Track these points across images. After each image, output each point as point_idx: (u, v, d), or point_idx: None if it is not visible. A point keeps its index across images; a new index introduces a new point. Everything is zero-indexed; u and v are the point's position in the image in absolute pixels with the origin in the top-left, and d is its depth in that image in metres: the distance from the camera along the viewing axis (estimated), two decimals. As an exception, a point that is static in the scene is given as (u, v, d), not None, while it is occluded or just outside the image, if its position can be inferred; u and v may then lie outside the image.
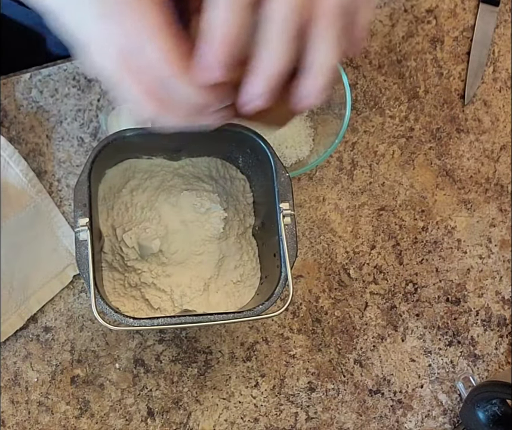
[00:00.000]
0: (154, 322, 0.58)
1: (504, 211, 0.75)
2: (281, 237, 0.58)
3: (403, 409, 0.71)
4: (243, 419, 0.69)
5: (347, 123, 0.67)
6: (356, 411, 0.71)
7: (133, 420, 0.68)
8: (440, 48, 0.76)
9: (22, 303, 0.67)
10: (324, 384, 0.71)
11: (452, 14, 0.77)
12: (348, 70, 0.75)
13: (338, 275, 0.72)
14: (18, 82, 0.71)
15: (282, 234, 0.58)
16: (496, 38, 0.77)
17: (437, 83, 0.76)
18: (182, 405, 0.69)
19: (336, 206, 0.73)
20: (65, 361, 0.68)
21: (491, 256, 0.74)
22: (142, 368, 0.69)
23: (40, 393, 0.68)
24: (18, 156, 0.68)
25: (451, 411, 0.72)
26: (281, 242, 0.58)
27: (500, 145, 0.75)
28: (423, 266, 0.73)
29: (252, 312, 0.58)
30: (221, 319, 0.57)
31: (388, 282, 0.73)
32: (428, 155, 0.75)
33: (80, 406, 0.68)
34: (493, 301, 0.73)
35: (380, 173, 0.74)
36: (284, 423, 0.70)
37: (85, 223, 0.54)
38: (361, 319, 0.72)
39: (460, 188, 0.75)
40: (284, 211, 0.58)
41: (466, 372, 0.72)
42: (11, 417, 0.67)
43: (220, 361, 0.70)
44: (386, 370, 0.71)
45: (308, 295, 0.71)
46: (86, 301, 0.69)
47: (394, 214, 0.73)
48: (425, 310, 0.72)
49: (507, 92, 0.76)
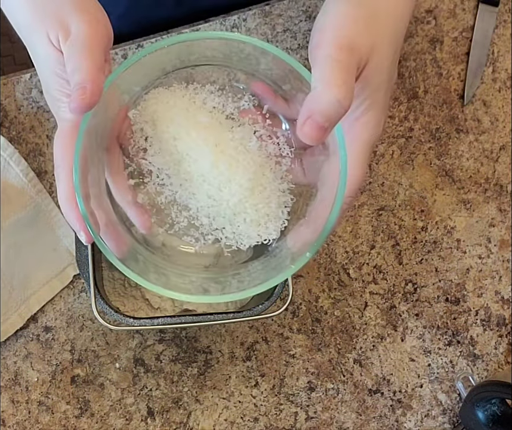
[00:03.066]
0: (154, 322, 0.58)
1: (503, 211, 0.75)
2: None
3: (402, 409, 0.71)
4: (243, 419, 0.70)
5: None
6: (356, 411, 0.71)
7: (133, 419, 0.68)
8: (439, 48, 0.76)
9: (22, 303, 0.67)
10: (324, 383, 0.71)
11: (451, 14, 0.77)
12: (348, 70, 0.75)
13: (338, 274, 0.72)
14: (18, 82, 0.71)
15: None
16: (496, 38, 0.77)
17: (437, 83, 0.76)
18: (182, 405, 0.69)
19: (336, 206, 0.73)
20: (66, 360, 0.68)
21: (490, 256, 0.74)
22: (142, 368, 0.69)
23: (40, 393, 0.68)
24: (18, 156, 0.69)
25: (450, 410, 0.72)
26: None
27: (499, 145, 0.75)
28: (423, 265, 0.73)
29: (251, 311, 0.58)
30: (220, 318, 0.58)
31: (388, 282, 0.73)
32: (427, 155, 0.75)
33: (80, 406, 0.68)
34: (493, 301, 0.73)
35: (379, 173, 0.74)
36: (284, 423, 0.70)
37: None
38: (361, 319, 0.72)
39: (460, 188, 0.75)
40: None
41: (466, 372, 0.72)
42: (11, 416, 0.67)
43: (220, 361, 0.70)
44: (386, 370, 0.72)
45: (307, 295, 0.71)
46: (86, 301, 0.69)
47: (393, 214, 0.74)
48: (424, 310, 0.73)
49: (506, 93, 0.76)
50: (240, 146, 0.50)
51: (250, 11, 0.73)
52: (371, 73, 0.48)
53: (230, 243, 0.51)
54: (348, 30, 0.46)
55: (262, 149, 0.51)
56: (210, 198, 0.50)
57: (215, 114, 0.52)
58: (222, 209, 0.50)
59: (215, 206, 0.50)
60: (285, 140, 0.52)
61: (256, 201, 0.50)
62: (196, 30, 0.72)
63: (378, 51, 0.48)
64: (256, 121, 0.52)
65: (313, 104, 0.43)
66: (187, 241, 0.52)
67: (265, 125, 0.52)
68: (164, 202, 0.51)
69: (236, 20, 0.73)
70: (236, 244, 0.51)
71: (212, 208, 0.50)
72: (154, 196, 0.51)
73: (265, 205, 0.51)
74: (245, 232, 0.51)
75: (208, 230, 0.51)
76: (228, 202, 0.49)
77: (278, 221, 0.51)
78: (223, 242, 0.51)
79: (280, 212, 0.51)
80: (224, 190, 0.49)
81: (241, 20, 0.73)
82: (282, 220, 0.51)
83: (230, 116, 0.52)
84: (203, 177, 0.49)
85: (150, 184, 0.51)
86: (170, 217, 0.52)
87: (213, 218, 0.51)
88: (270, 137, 0.52)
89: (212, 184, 0.49)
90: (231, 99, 0.52)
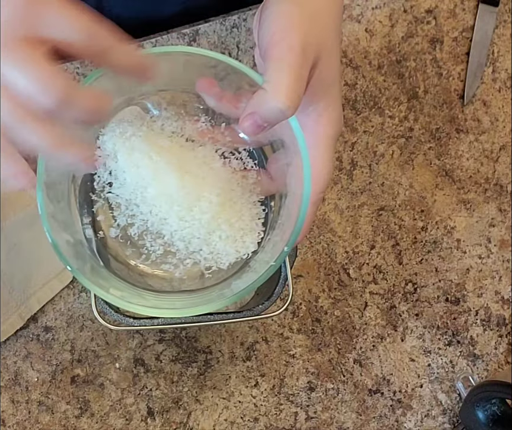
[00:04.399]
0: (154, 322, 0.58)
1: (503, 211, 0.75)
2: (281, 237, 0.58)
3: (402, 409, 0.71)
4: (243, 419, 0.70)
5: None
6: (356, 411, 0.71)
7: (133, 419, 0.68)
8: (439, 49, 0.76)
9: (22, 303, 0.67)
10: (323, 383, 0.71)
11: (451, 15, 0.77)
12: (348, 70, 0.75)
13: (338, 274, 0.72)
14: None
15: (282, 234, 0.58)
16: (496, 38, 0.77)
17: (437, 83, 0.76)
18: (182, 405, 0.69)
19: (336, 206, 0.73)
20: (66, 360, 0.68)
21: (490, 256, 0.74)
22: (142, 368, 0.69)
23: (40, 393, 0.68)
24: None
25: (450, 410, 0.72)
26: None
27: (499, 145, 0.76)
28: (423, 265, 0.73)
29: (251, 311, 0.58)
30: (220, 318, 0.58)
31: (388, 282, 0.73)
32: (427, 155, 0.75)
33: (80, 406, 0.68)
34: (493, 301, 0.73)
35: (379, 173, 0.74)
36: (284, 423, 0.70)
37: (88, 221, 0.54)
38: (361, 319, 0.72)
39: (460, 188, 0.75)
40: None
41: (466, 372, 0.72)
42: (11, 416, 0.67)
43: (220, 361, 0.70)
44: (386, 370, 0.72)
45: (307, 295, 0.71)
46: (86, 301, 0.69)
47: (393, 214, 0.74)
48: (424, 310, 0.73)
49: (506, 93, 0.76)
50: (204, 164, 0.50)
51: (250, 11, 0.73)
52: (324, 69, 0.49)
53: (209, 264, 0.51)
54: (298, 30, 0.47)
55: (227, 165, 0.52)
56: (182, 220, 0.49)
57: (175, 138, 0.51)
58: (195, 229, 0.50)
59: (188, 227, 0.50)
60: (247, 154, 0.53)
61: (229, 216, 0.50)
62: (196, 30, 0.72)
63: (327, 47, 0.49)
64: (217, 140, 0.52)
65: (258, 104, 0.45)
66: (165, 269, 0.52)
67: (225, 142, 0.52)
68: (137, 233, 0.51)
69: (236, 19, 0.73)
70: (215, 264, 0.51)
71: (185, 230, 0.50)
72: (126, 228, 0.51)
73: (238, 218, 0.51)
74: (223, 250, 0.51)
75: (185, 254, 0.51)
76: (200, 220, 0.49)
77: (254, 234, 0.51)
78: (202, 264, 0.51)
79: (255, 224, 0.51)
80: (194, 209, 0.49)
81: (241, 19, 0.73)
82: (257, 231, 0.51)
83: (190, 139, 0.52)
84: (171, 199, 0.49)
85: (120, 217, 0.51)
86: (146, 248, 0.51)
87: (188, 241, 0.50)
88: (232, 153, 0.52)
89: (182, 205, 0.49)
90: (189, 122, 0.52)
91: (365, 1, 0.76)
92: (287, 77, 0.45)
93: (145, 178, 0.48)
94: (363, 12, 0.76)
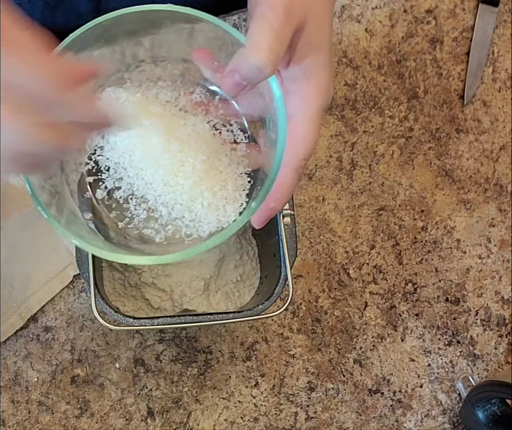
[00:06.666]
0: (154, 322, 0.58)
1: (503, 211, 0.75)
2: (281, 237, 0.58)
3: (402, 409, 0.71)
4: (242, 419, 0.70)
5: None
6: (356, 411, 0.71)
7: (133, 419, 0.68)
8: (439, 49, 0.76)
9: (22, 303, 0.67)
10: (323, 383, 0.71)
11: (451, 15, 0.77)
12: (348, 70, 0.75)
13: (338, 274, 0.72)
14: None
15: (282, 234, 0.58)
16: (496, 38, 0.77)
17: (437, 83, 0.76)
18: (182, 405, 0.69)
19: (336, 206, 0.73)
20: (66, 360, 0.68)
21: (490, 256, 0.74)
22: (142, 368, 0.69)
23: (40, 393, 0.68)
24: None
25: (450, 410, 0.72)
26: (281, 242, 0.58)
27: (499, 145, 0.76)
28: (423, 265, 0.73)
29: (252, 311, 0.58)
30: (220, 319, 0.58)
31: (388, 282, 0.73)
32: (427, 155, 0.75)
33: (80, 406, 0.68)
34: (493, 301, 0.73)
35: (379, 173, 0.74)
36: (284, 423, 0.70)
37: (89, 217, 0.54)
38: (361, 319, 0.72)
39: (460, 188, 0.75)
40: (284, 211, 0.59)
41: (466, 372, 0.72)
42: (11, 416, 0.67)
43: (220, 361, 0.70)
44: (386, 370, 0.72)
45: (307, 295, 0.71)
46: (86, 301, 0.69)
47: (393, 214, 0.74)
48: (424, 310, 0.73)
49: (506, 93, 0.76)
50: (193, 132, 0.51)
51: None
52: (311, 34, 0.49)
53: (190, 231, 0.51)
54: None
55: (217, 136, 0.52)
56: (166, 185, 0.50)
57: (168, 107, 0.52)
58: (178, 195, 0.50)
59: (172, 192, 0.50)
60: (239, 127, 0.53)
61: (212, 184, 0.50)
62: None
63: (314, 11, 0.49)
64: (209, 112, 0.52)
65: (238, 61, 0.45)
66: (147, 233, 0.52)
67: (218, 114, 0.52)
68: (123, 196, 0.51)
69: (235, 19, 0.73)
70: (196, 232, 0.51)
71: (169, 196, 0.50)
72: (113, 191, 0.52)
73: (222, 187, 0.51)
74: (204, 218, 0.51)
75: (167, 220, 0.51)
76: (183, 186, 0.50)
77: (237, 203, 0.51)
78: (183, 231, 0.51)
79: (238, 195, 0.52)
80: (178, 174, 0.49)
81: (241, 19, 0.73)
82: (240, 202, 0.51)
83: (183, 109, 0.52)
84: (156, 163, 0.49)
85: (108, 179, 0.51)
86: (129, 211, 0.52)
87: (171, 207, 0.51)
88: (223, 125, 0.53)
89: (166, 169, 0.49)
90: (184, 92, 0.53)
91: (365, 1, 0.76)
92: (266, 35, 0.44)
93: (134, 141, 0.49)
94: (363, 12, 0.76)
